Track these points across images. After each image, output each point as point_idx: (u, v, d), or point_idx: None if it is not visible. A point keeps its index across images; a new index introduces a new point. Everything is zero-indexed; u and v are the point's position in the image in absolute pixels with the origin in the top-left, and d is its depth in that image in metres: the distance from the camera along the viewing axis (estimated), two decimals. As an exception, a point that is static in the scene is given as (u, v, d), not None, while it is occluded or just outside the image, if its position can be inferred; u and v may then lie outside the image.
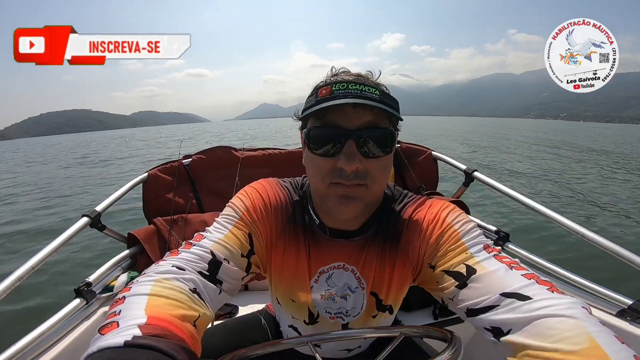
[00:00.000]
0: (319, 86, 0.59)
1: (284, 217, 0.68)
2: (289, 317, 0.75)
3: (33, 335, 0.88)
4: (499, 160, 11.36)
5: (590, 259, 3.28)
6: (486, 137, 23.16)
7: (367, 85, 0.55)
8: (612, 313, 0.95)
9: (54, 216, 5.57)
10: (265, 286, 1.55)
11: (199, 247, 0.58)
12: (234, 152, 1.77)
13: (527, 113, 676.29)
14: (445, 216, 0.61)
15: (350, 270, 0.68)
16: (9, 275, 0.90)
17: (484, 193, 5.73)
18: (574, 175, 8.82)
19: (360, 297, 0.69)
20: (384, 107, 0.53)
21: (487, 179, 1.55)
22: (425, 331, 0.62)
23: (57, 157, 18.43)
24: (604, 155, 13.86)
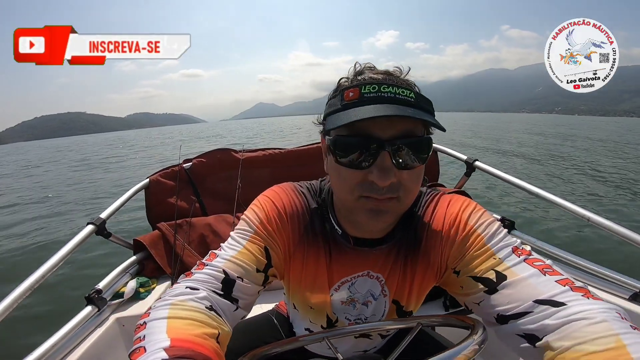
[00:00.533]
0: (344, 87, 0.52)
1: (300, 226, 0.64)
2: (307, 322, 0.73)
3: (49, 344, 0.89)
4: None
5: (597, 243, 3.22)
6: (501, 132, 22.54)
7: (399, 86, 0.48)
8: (625, 297, 0.93)
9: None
10: (274, 286, 1.57)
11: (212, 267, 0.55)
12: (234, 154, 1.77)
13: (522, 108, 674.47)
14: (467, 218, 0.57)
15: (375, 277, 0.65)
16: (18, 287, 0.91)
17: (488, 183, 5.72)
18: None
19: (382, 304, 0.66)
20: (424, 117, 0.46)
21: (489, 168, 1.55)
22: (444, 319, 0.61)
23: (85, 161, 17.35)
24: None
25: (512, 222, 1.35)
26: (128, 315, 1.15)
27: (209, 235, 1.53)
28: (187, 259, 1.45)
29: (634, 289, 0.93)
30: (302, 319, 0.73)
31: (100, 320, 1.09)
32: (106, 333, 1.06)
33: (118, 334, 1.11)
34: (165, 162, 9.83)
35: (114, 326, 1.11)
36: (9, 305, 0.85)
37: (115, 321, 1.11)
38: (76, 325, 0.99)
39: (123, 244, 1.45)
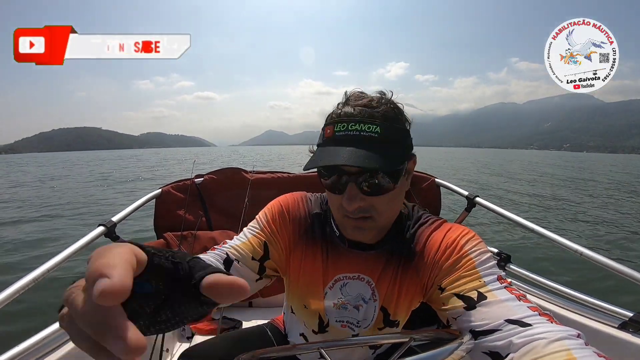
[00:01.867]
0: (327, 122, 0.61)
1: (301, 227, 0.73)
2: (302, 325, 0.77)
3: (37, 337, 0.89)
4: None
5: (590, 276, 3.40)
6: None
7: (366, 123, 0.56)
8: (614, 326, 0.96)
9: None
10: (269, 303, 1.57)
11: (219, 250, 0.68)
12: (244, 174, 1.85)
13: (530, 144, 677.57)
14: (464, 243, 0.61)
15: (366, 281, 0.70)
16: (23, 277, 0.93)
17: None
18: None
19: (372, 309, 0.70)
20: (378, 159, 0.54)
21: (489, 204, 1.59)
22: (436, 334, 0.63)
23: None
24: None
25: (508, 255, 1.38)
26: None
27: (212, 249, 1.55)
28: None
29: (623, 318, 0.95)
30: (297, 323, 0.78)
31: None
32: None
33: None
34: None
35: None
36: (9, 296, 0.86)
37: None
38: None
39: None
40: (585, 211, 8.00)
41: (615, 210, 8.17)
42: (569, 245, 1.17)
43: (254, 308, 1.59)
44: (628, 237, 5.67)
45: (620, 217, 7.32)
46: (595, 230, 6.22)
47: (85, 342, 0.24)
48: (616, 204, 9.18)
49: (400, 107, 0.62)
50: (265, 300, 1.55)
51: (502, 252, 1.40)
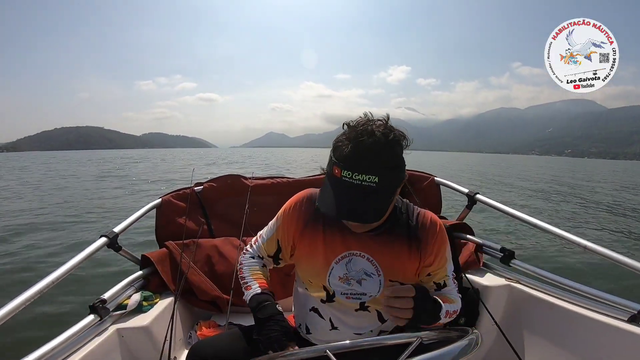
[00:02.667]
0: (334, 157, 0.73)
1: (307, 217, 0.89)
2: (312, 298, 0.91)
3: (48, 347, 0.90)
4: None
5: (594, 269, 3.40)
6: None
7: (367, 173, 0.68)
8: (623, 319, 0.96)
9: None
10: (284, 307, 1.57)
11: (256, 247, 1.00)
12: (244, 180, 1.85)
13: (531, 149, 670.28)
14: (444, 234, 0.87)
15: (366, 258, 0.84)
16: (29, 288, 0.94)
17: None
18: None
19: (377, 282, 0.84)
20: (366, 220, 0.74)
21: (490, 201, 1.59)
22: (443, 332, 0.65)
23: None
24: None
25: (512, 252, 1.38)
26: (129, 326, 1.14)
27: (215, 256, 1.57)
28: (192, 277, 1.47)
29: (632, 311, 0.96)
30: (308, 296, 0.91)
31: (100, 330, 1.09)
32: (105, 342, 1.06)
33: (116, 344, 1.11)
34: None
35: (114, 336, 1.10)
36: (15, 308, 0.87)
37: (115, 332, 1.11)
38: (76, 333, 0.99)
39: (131, 258, 1.48)
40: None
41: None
42: (573, 239, 1.16)
43: None
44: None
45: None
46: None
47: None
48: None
49: (403, 134, 0.74)
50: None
51: (505, 248, 1.40)
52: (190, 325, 1.51)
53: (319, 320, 0.90)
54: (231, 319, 1.48)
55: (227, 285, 1.51)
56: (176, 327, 1.36)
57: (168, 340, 0.94)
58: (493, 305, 1.24)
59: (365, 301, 0.85)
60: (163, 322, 1.20)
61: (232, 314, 1.49)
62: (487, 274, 1.40)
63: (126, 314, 1.20)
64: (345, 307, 0.86)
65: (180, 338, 1.40)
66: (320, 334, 0.91)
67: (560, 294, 1.15)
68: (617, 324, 0.95)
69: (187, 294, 1.48)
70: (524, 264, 1.32)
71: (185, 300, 1.50)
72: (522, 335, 1.21)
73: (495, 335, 1.24)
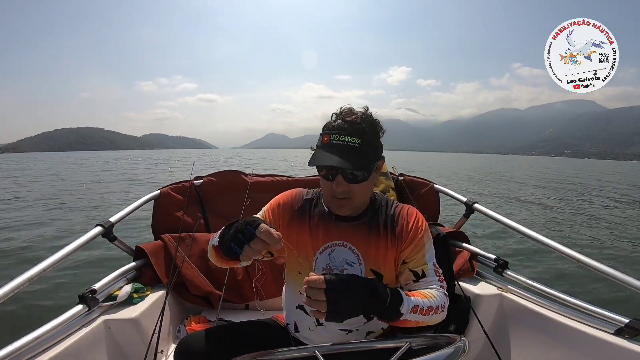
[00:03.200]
0: (323, 131, 0.84)
1: (294, 209, 0.95)
2: (298, 295, 0.91)
3: (32, 336, 0.89)
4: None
5: (586, 282, 3.41)
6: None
7: (353, 134, 0.79)
8: (610, 332, 0.97)
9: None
10: (265, 306, 1.57)
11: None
12: (243, 177, 1.84)
13: (531, 150, 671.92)
14: (422, 225, 0.91)
15: (348, 247, 0.89)
16: (20, 275, 0.94)
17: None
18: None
19: (358, 271, 0.88)
20: (357, 161, 0.78)
21: (487, 211, 1.59)
22: (432, 339, 0.65)
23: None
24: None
25: (505, 262, 1.39)
26: (117, 318, 1.14)
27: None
28: (185, 271, 1.46)
29: (619, 324, 0.96)
30: (295, 295, 0.94)
31: (87, 320, 1.08)
32: (91, 333, 1.05)
33: (103, 335, 1.10)
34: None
35: (100, 327, 1.10)
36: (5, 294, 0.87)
37: (102, 322, 1.10)
38: (63, 322, 0.99)
39: (125, 249, 1.47)
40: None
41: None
42: (566, 252, 1.18)
43: (250, 310, 1.58)
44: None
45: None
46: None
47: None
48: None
49: (377, 120, 0.85)
50: (262, 303, 1.54)
51: (499, 258, 1.41)
52: (180, 320, 1.50)
53: (305, 317, 0.91)
54: (222, 315, 1.48)
55: (220, 281, 1.51)
56: (166, 321, 1.35)
57: (156, 334, 0.93)
58: (483, 313, 1.24)
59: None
60: (152, 315, 1.19)
61: (223, 310, 1.49)
62: (480, 283, 1.40)
63: (115, 305, 1.19)
64: None
65: (169, 332, 1.40)
66: (307, 331, 0.92)
67: (550, 305, 1.15)
68: (604, 337, 0.96)
69: (179, 288, 1.48)
70: (516, 275, 1.33)
71: (176, 294, 1.49)
72: (509, 345, 1.22)
73: (483, 344, 1.25)
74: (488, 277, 1.44)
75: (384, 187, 1.86)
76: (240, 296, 1.56)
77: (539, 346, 1.13)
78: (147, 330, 1.16)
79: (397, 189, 1.92)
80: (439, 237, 1.43)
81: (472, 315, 1.29)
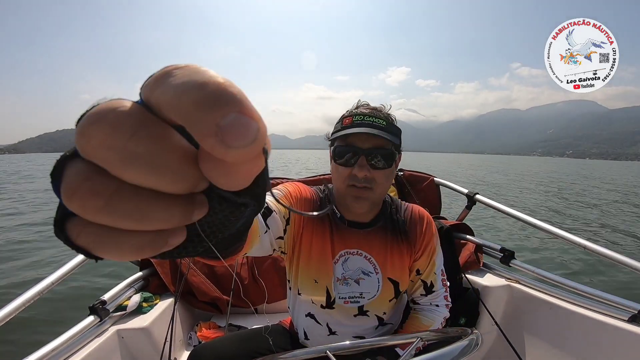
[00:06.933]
0: (344, 116, 0.79)
1: (311, 207, 0.83)
2: (309, 303, 0.85)
3: (47, 349, 0.89)
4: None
5: (595, 269, 3.37)
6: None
7: (377, 117, 0.75)
8: (624, 319, 0.96)
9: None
10: (274, 309, 1.57)
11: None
12: None
13: (532, 150, 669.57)
14: (433, 230, 0.88)
15: (364, 256, 0.83)
16: (28, 290, 0.93)
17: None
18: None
19: (375, 281, 0.83)
20: (385, 136, 0.73)
21: (489, 201, 1.59)
22: (443, 333, 0.65)
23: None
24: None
25: (511, 252, 1.38)
26: (129, 327, 1.14)
27: None
28: (192, 278, 1.46)
29: (633, 311, 0.96)
30: (304, 304, 0.87)
31: (100, 331, 1.09)
32: (104, 344, 1.06)
33: (116, 345, 1.10)
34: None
35: (113, 337, 1.10)
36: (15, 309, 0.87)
37: (115, 333, 1.11)
38: (76, 334, 0.99)
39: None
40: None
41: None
42: (572, 239, 1.16)
43: (259, 314, 1.58)
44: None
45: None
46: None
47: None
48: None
49: (394, 117, 0.81)
50: (270, 306, 1.54)
51: (505, 248, 1.40)
52: (190, 326, 1.50)
53: (315, 325, 0.87)
54: (231, 320, 1.48)
55: (227, 286, 1.51)
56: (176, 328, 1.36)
57: (168, 341, 0.94)
58: (493, 305, 1.24)
59: (363, 304, 0.83)
60: (163, 323, 1.20)
61: (232, 315, 1.49)
62: (487, 274, 1.40)
63: (126, 315, 1.20)
64: (344, 313, 0.83)
65: (180, 339, 1.40)
66: (319, 339, 0.88)
67: (560, 294, 1.15)
68: (617, 324, 0.95)
69: (186, 295, 1.48)
70: (523, 264, 1.32)
71: (185, 301, 1.49)
72: (522, 336, 1.21)
73: (495, 336, 1.24)
74: (495, 268, 1.43)
75: (385, 183, 1.86)
76: (247, 301, 1.57)
77: (552, 336, 1.13)
78: (159, 338, 1.16)
79: (398, 184, 1.91)
80: (442, 230, 1.43)
81: (481, 308, 1.28)
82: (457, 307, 1.36)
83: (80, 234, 0.14)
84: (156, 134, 0.13)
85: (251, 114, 0.13)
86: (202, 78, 0.13)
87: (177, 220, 0.15)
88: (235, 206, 0.18)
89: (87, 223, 0.14)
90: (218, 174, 0.14)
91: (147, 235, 0.15)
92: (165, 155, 0.13)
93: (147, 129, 0.13)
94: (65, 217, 0.15)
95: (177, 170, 0.14)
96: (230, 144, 0.13)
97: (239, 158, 0.13)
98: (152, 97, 0.13)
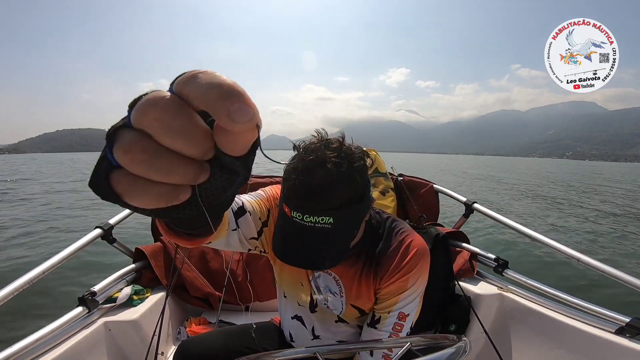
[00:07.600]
0: (285, 194, 0.62)
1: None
2: (295, 305, 0.84)
3: (32, 338, 0.89)
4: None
5: (587, 282, 3.43)
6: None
7: (319, 215, 0.57)
8: (611, 331, 0.97)
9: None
10: (265, 308, 1.56)
11: (237, 197, 0.72)
12: None
13: (532, 152, 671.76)
14: (410, 283, 0.73)
15: (333, 276, 0.80)
16: (19, 278, 0.93)
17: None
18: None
19: (340, 303, 0.80)
20: (320, 267, 0.65)
21: (487, 210, 1.59)
22: (433, 339, 0.65)
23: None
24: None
25: (505, 261, 1.39)
26: (117, 320, 1.13)
27: (209, 253, 1.56)
28: (185, 272, 1.45)
29: (620, 323, 0.96)
30: (291, 306, 0.86)
31: (88, 322, 1.08)
32: (91, 335, 1.05)
33: (103, 337, 1.10)
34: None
35: (100, 329, 1.09)
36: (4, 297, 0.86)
37: (102, 325, 1.10)
38: (63, 324, 0.99)
39: (125, 251, 1.47)
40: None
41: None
42: (566, 252, 1.17)
43: (250, 312, 1.58)
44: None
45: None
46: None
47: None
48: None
49: (361, 155, 0.62)
50: (262, 305, 1.54)
51: (499, 257, 1.41)
52: (180, 322, 1.49)
53: (301, 328, 0.87)
54: (222, 317, 1.48)
55: (220, 282, 1.51)
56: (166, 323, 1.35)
57: (156, 335, 0.93)
58: (484, 313, 1.25)
59: (338, 314, 0.82)
60: (152, 317, 1.19)
61: (223, 312, 1.48)
62: (480, 283, 1.40)
63: (115, 307, 1.19)
64: (326, 317, 0.83)
65: (169, 334, 1.39)
66: (303, 342, 0.89)
67: (551, 305, 1.15)
68: (605, 336, 0.96)
69: (179, 290, 1.47)
70: (516, 274, 1.33)
71: (176, 296, 1.49)
72: (510, 345, 1.22)
73: (484, 343, 1.25)
74: (488, 276, 1.44)
75: (384, 187, 1.86)
76: (239, 298, 1.56)
77: (539, 346, 1.13)
78: (147, 332, 1.15)
79: (397, 190, 1.92)
80: (438, 237, 1.44)
81: (472, 315, 1.29)
82: (448, 313, 1.37)
83: (120, 181, 0.20)
84: (187, 115, 0.19)
85: (250, 103, 0.20)
86: (219, 80, 0.19)
87: (190, 177, 0.21)
88: (230, 173, 0.23)
89: (127, 173, 0.20)
90: (227, 140, 0.21)
91: (166, 187, 0.21)
92: (192, 129, 0.20)
93: (183, 110, 0.19)
94: (109, 170, 0.20)
95: (198, 140, 0.20)
96: (237, 121, 0.19)
97: (242, 129, 0.20)
98: (183, 90, 0.19)
